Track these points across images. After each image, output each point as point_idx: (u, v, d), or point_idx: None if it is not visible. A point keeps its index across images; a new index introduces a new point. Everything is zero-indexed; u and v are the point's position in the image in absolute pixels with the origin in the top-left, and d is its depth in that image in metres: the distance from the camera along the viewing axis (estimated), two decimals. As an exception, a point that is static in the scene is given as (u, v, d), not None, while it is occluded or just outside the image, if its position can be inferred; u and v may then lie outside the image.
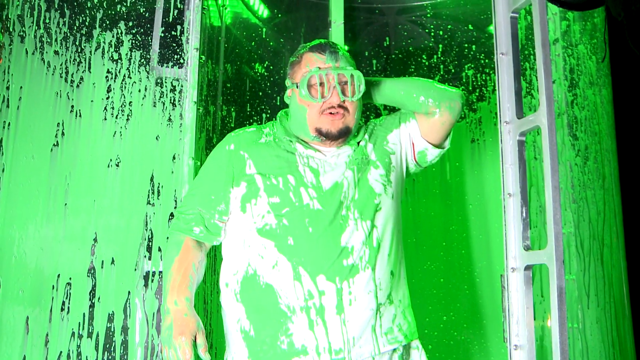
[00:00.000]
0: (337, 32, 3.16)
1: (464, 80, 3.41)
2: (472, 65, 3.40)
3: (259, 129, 2.04)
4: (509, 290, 2.11)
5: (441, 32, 3.48)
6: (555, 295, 1.88)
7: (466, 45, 3.44)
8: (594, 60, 2.82)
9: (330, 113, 1.89)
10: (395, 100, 2.06)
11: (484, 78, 3.37)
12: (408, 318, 1.96)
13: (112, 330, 2.14)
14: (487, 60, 3.35)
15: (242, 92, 3.28)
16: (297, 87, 1.93)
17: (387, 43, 3.57)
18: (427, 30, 3.53)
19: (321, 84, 1.89)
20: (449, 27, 3.47)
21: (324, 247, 1.83)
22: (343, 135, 1.93)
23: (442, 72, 3.47)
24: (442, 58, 3.48)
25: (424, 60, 3.51)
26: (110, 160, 2.27)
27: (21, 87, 2.27)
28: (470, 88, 3.39)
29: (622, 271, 2.77)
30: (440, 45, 3.48)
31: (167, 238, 2.00)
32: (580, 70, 2.74)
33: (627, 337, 2.74)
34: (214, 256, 2.64)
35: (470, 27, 3.44)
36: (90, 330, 2.13)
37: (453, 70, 3.46)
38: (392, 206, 1.99)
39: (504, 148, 2.18)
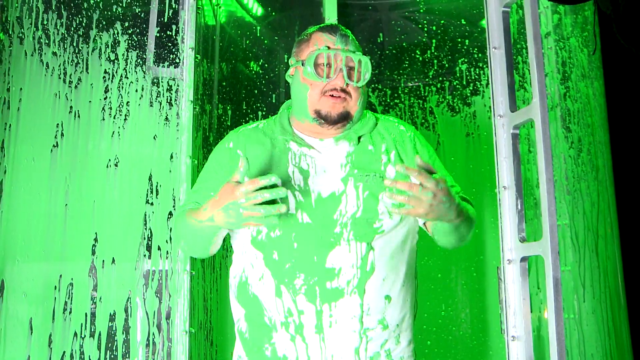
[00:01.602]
0: (331, 29, 3.17)
1: (458, 74, 3.42)
2: (466, 60, 3.42)
3: (258, 125, 1.99)
4: (506, 282, 2.13)
5: (434, 27, 3.49)
6: (551, 286, 1.89)
7: (459, 40, 3.46)
8: (586, 53, 2.84)
9: (332, 96, 1.82)
10: (445, 234, 1.89)
11: (477, 72, 3.38)
12: (402, 342, 1.82)
13: (114, 329, 2.16)
14: (480, 55, 3.36)
15: (237, 91, 3.29)
16: (302, 64, 1.86)
17: (381, 39, 3.58)
18: (420, 26, 3.55)
19: (328, 64, 1.82)
20: (442, 22, 3.48)
21: (307, 267, 1.74)
22: (342, 120, 1.84)
23: (435, 67, 3.48)
24: (435, 53, 3.49)
25: (417, 56, 3.52)
26: (109, 160, 2.28)
27: (21, 89, 2.28)
28: (464, 82, 3.40)
29: (616, 262, 2.79)
30: (434, 40, 3.50)
31: (170, 230, 2.00)
32: (572, 63, 2.76)
33: (622, 327, 2.76)
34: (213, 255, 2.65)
35: (463, 21, 3.46)
36: (92, 330, 2.15)
37: (447, 65, 3.48)
38: (401, 229, 1.84)
39: (498, 141, 2.20)
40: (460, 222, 1.85)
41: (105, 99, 2.32)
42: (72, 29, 2.35)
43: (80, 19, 2.35)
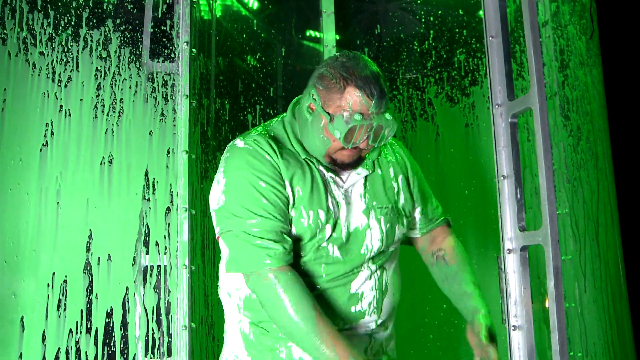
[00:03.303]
0: (328, 21, 3.16)
1: (456, 65, 3.41)
2: (464, 50, 3.40)
3: (274, 137, 1.82)
4: (506, 272, 2.12)
5: (432, 18, 3.47)
6: (552, 275, 1.89)
7: (457, 30, 3.44)
8: (584, 40, 2.82)
9: (351, 151, 1.77)
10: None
11: (476, 62, 3.36)
12: (393, 337, 1.98)
13: (111, 325, 2.16)
14: (478, 45, 3.35)
15: (235, 85, 3.28)
16: (330, 119, 1.70)
17: (378, 31, 3.57)
18: (417, 17, 3.53)
19: (357, 130, 1.70)
20: (440, 12, 3.46)
21: (334, 295, 1.78)
22: (355, 165, 1.82)
23: (434, 58, 3.47)
24: (433, 44, 3.48)
25: (415, 47, 3.51)
26: (103, 157, 2.27)
27: (5, 89, 2.25)
28: (463, 73, 3.39)
29: (617, 250, 2.78)
30: (432, 31, 3.48)
31: (266, 280, 1.69)
32: (570, 51, 2.74)
33: (623, 315, 2.75)
34: (213, 248, 2.65)
35: (460, 12, 3.44)
36: (88, 326, 2.15)
37: (445, 56, 3.46)
38: (399, 243, 1.98)
39: (497, 131, 2.19)
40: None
41: (97, 96, 2.30)
42: (61, 28, 2.33)
43: (69, 18, 2.34)
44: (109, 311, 2.16)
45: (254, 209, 1.70)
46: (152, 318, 2.18)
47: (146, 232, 2.24)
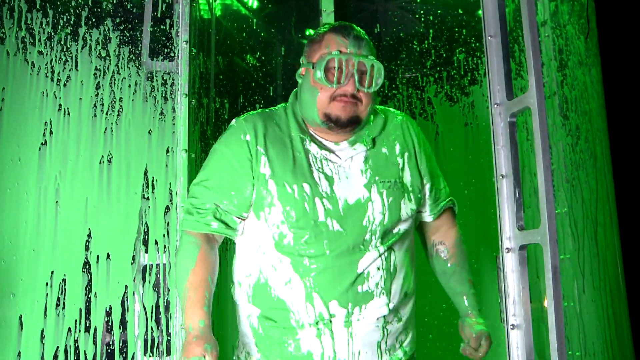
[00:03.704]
0: (327, 21, 3.15)
1: (456, 64, 3.41)
2: (463, 49, 3.41)
3: (270, 116, 1.91)
4: (505, 271, 2.13)
5: (431, 17, 3.48)
6: (550, 274, 1.89)
7: (457, 29, 3.44)
8: (582, 40, 2.82)
9: (343, 101, 1.79)
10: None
11: (475, 62, 3.37)
12: (410, 332, 1.93)
13: (110, 324, 2.16)
14: (478, 44, 3.35)
15: (234, 84, 3.29)
16: (312, 67, 1.81)
17: (378, 30, 3.57)
18: (417, 16, 3.53)
19: (339, 69, 1.77)
20: (439, 12, 3.47)
21: (340, 273, 1.77)
22: (352, 124, 1.82)
23: (433, 57, 3.47)
24: (433, 43, 3.48)
25: (415, 46, 3.51)
26: (102, 156, 2.28)
27: (3, 88, 2.24)
28: (462, 72, 3.39)
29: (616, 250, 2.79)
30: (431, 31, 3.48)
31: (178, 239, 1.93)
32: (569, 50, 2.74)
33: (622, 315, 2.76)
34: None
35: (460, 11, 3.44)
36: (87, 325, 2.15)
37: (444, 55, 3.46)
38: (410, 225, 1.95)
39: (495, 130, 2.20)
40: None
41: (96, 95, 2.30)
42: (60, 27, 2.33)
43: (68, 17, 2.34)
44: (108, 310, 2.17)
45: (206, 180, 1.85)
46: (152, 317, 2.18)
47: (145, 230, 2.24)
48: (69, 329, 2.14)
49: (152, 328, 2.17)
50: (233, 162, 1.84)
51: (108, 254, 2.20)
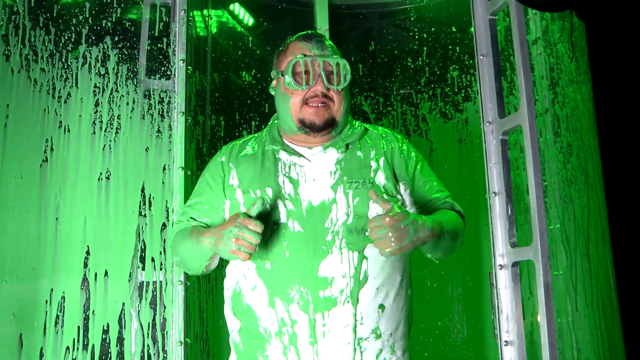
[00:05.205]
0: (322, 38, 3.19)
1: (449, 81, 3.44)
2: (457, 67, 3.44)
3: (250, 138, 2.01)
4: (498, 288, 2.14)
5: (425, 35, 3.51)
6: (542, 290, 1.91)
7: (450, 47, 3.48)
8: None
9: (315, 106, 1.83)
10: (429, 250, 1.91)
11: (468, 79, 3.40)
12: (397, 353, 1.80)
13: (108, 341, 2.16)
14: (471, 61, 3.38)
15: (230, 101, 3.31)
16: (282, 75, 1.88)
17: (372, 47, 3.61)
18: (411, 34, 3.57)
19: (306, 71, 1.83)
20: (433, 29, 3.50)
21: (299, 276, 1.74)
22: (328, 126, 1.85)
23: (427, 75, 3.50)
24: (427, 60, 3.51)
25: (409, 63, 3.54)
26: (101, 173, 2.29)
27: (8, 105, 2.26)
28: (456, 89, 3.42)
29: (608, 265, 2.80)
30: (425, 48, 3.52)
31: (164, 249, 2.00)
32: (560, 68, 2.78)
33: (615, 330, 2.77)
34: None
35: (453, 29, 3.48)
36: (85, 342, 2.15)
37: (438, 72, 3.50)
38: None
39: (488, 148, 2.23)
40: (439, 237, 1.82)
41: (95, 112, 2.33)
42: (61, 44, 2.36)
43: (69, 35, 2.36)
44: (105, 328, 2.17)
45: (189, 201, 2.00)
46: (148, 334, 2.18)
47: (142, 248, 2.25)
48: (67, 348, 2.14)
49: (148, 345, 2.18)
50: (210, 181, 1.95)
51: (106, 271, 2.21)
